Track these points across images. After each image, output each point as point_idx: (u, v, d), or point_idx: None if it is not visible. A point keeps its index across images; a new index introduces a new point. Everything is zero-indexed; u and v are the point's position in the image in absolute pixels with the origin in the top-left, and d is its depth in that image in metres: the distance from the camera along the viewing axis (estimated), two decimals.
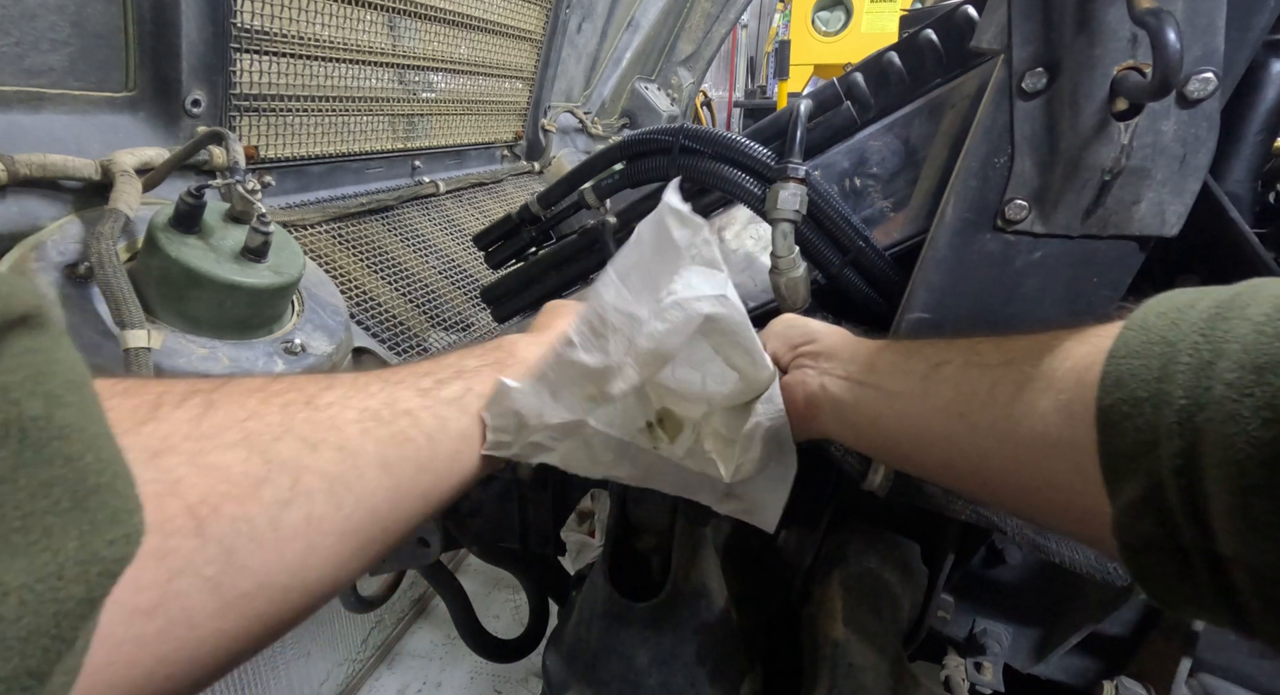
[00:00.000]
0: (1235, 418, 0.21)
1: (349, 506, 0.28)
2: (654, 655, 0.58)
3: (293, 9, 0.88)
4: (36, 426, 0.16)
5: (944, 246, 0.48)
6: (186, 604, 0.22)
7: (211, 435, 0.25)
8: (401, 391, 0.34)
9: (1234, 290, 0.25)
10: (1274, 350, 0.21)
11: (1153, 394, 0.24)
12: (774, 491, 0.48)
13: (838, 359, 0.42)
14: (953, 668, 0.63)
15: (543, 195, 0.67)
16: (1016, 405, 0.30)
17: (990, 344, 0.35)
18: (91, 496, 0.17)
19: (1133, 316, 0.27)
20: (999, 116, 0.44)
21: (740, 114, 4.33)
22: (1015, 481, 0.32)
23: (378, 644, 1.54)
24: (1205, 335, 0.23)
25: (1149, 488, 0.23)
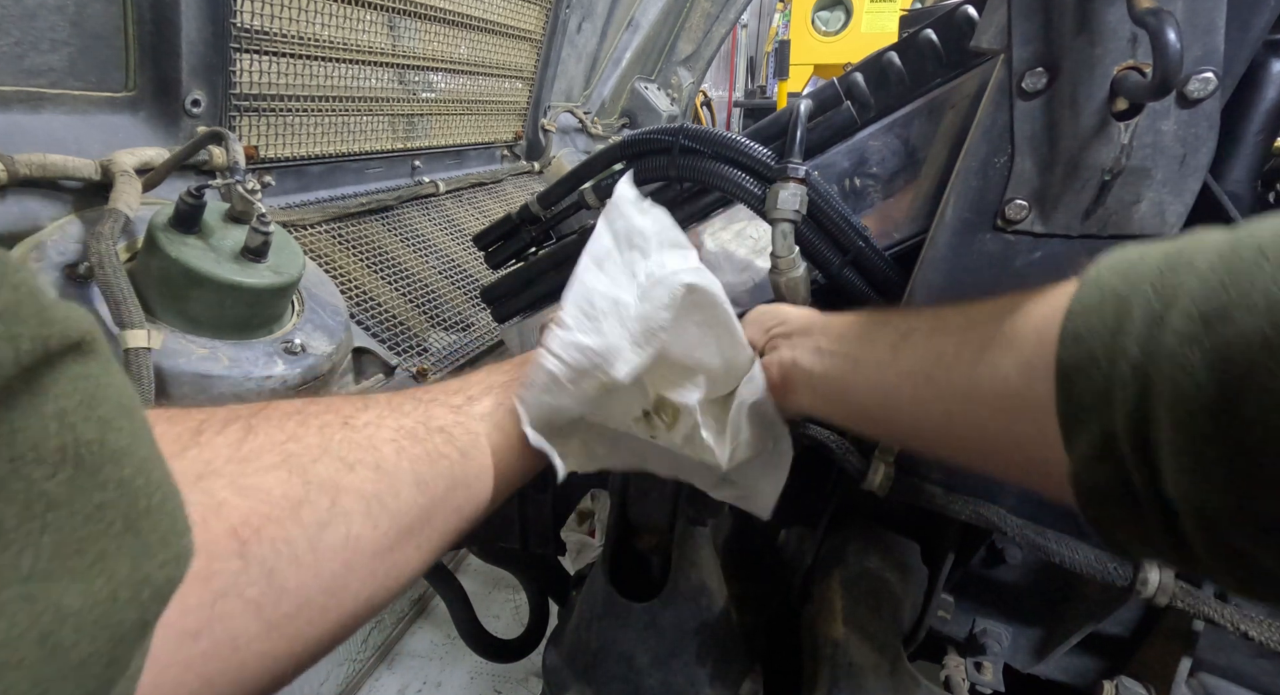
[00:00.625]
0: (1184, 366, 0.21)
1: (385, 525, 0.28)
2: (654, 655, 0.58)
3: (293, 9, 0.88)
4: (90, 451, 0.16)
5: (944, 246, 0.48)
6: (231, 626, 0.22)
7: (252, 458, 0.25)
8: (435, 409, 0.34)
9: (1180, 242, 0.25)
10: (1219, 300, 0.21)
11: (1107, 347, 0.24)
12: (770, 478, 0.48)
13: (809, 333, 0.43)
14: (953, 668, 0.63)
15: (543, 195, 0.67)
16: (980, 365, 0.31)
17: (954, 311, 0.36)
18: (143, 519, 0.17)
19: (1087, 274, 0.27)
20: (999, 116, 0.44)
21: (740, 114, 4.33)
22: (980, 440, 0.33)
23: (378, 644, 1.54)
24: (1155, 287, 0.24)
25: (1104, 437, 0.24)
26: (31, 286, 0.15)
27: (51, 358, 0.15)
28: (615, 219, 0.38)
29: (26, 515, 0.14)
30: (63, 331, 0.15)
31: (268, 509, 0.24)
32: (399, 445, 0.31)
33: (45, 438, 0.15)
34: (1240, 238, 0.22)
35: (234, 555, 0.22)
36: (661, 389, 0.44)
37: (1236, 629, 0.44)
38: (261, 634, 0.23)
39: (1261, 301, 0.20)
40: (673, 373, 0.44)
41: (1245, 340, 0.20)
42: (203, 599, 0.21)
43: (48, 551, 0.14)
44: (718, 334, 0.43)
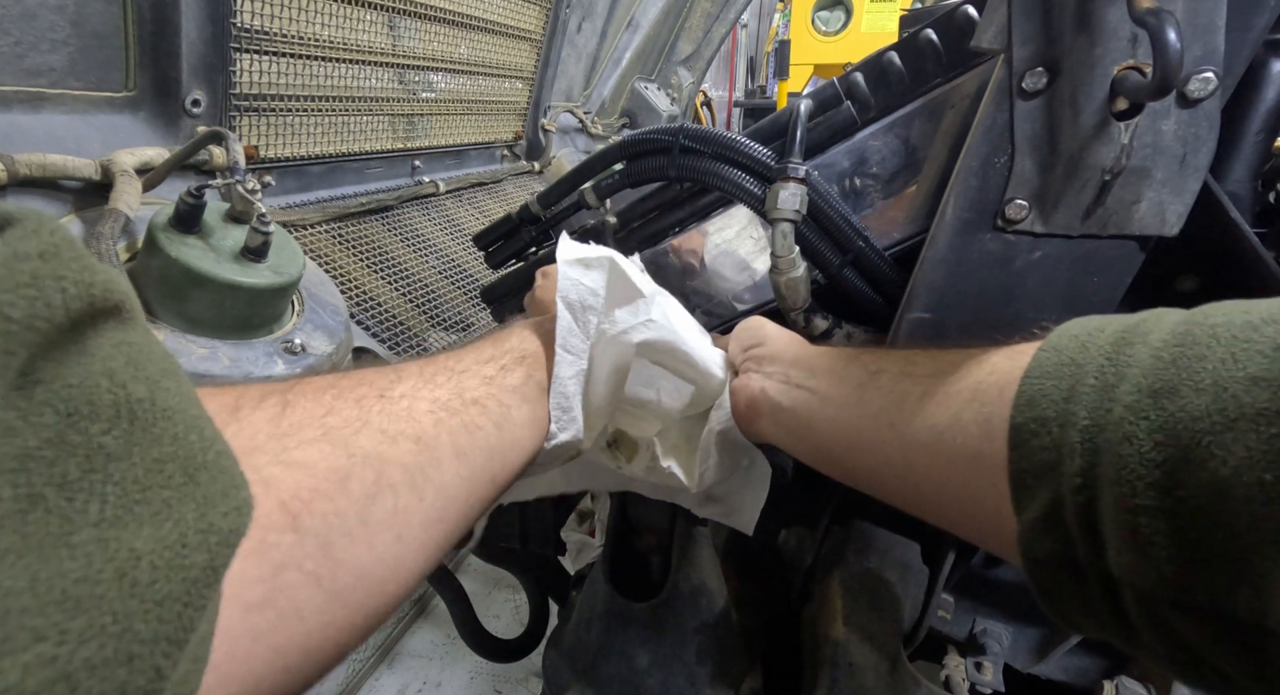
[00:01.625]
0: (1130, 439, 0.21)
1: (430, 496, 0.28)
2: (654, 655, 0.58)
3: (293, 9, 0.88)
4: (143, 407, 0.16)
5: (944, 246, 0.48)
6: (294, 597, 0.22)
7: (292, 433, 0.25)
8: (468, 381, 0.35)
9: (1139, 317, 0.26)
10: (1169, 376, 0.21)
11: (1059, 414, 0.24)
12: (750, 494, 0.49)
13: (780, 362, 0.43)
14: (953, 668, 0.63)
15: (543, 195, 0.67)
16: (942, 417, 0.31)
17: (925, 355, 0.35)
18: (201, 472, 0.17)
19: (1048, 338, 0.28)
20: (999, 116, 0.44)
21: (740, 114, 4.33)
22: (938, 493, 0.32)
23: (378, 644, 1.54)
24: (1110, 358, 0.24)
25: (1051, 505, 0.24)
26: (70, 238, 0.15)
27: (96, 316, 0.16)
28: (567, 290, 0.39)
29: (88, 467, 0.14)
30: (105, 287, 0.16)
31: (315, 482, 0.24)
32: (437, 417, 0.31)
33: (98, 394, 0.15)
34: (1195, 318, 0.23)
35: (287, 529, 0.23)
36: (620, 423, 0.45)
37: None
38: (324, 605, 0.23)
39: (1209, 381, 0.20)
40: (633, 408, 0.45)
41: (1190, 417, 0.20)
42: (263, 572, 0.21)
43: (114, 500, 0.15)
44: (678, 368, 0.44)
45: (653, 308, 0.40)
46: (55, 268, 0.15)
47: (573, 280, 0.39)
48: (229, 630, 0.20)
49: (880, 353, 0.39)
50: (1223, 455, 0.19)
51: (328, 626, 0.24)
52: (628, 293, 0.40)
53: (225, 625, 0.19)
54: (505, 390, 0.36)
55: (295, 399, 0.27)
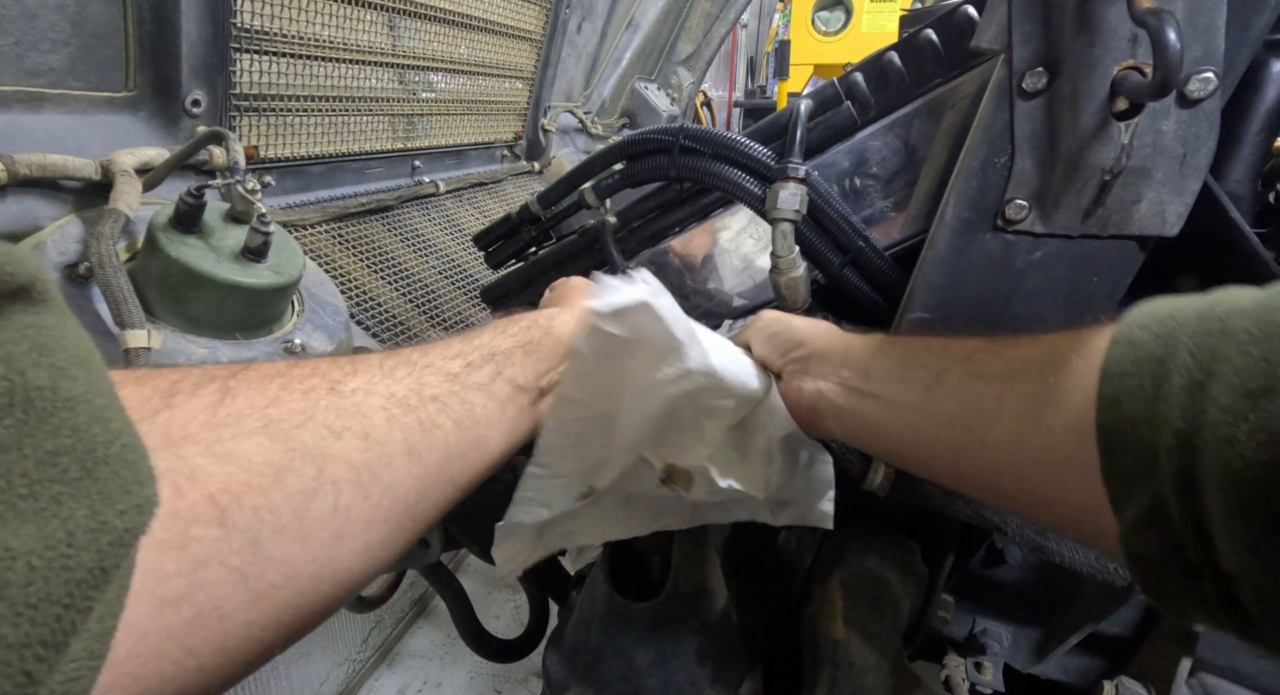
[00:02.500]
0: (1231, 441, 0.21)
1: (376, 495, 0.27)
2: (654, 655, 0.58)
3: (293, 9, 0.88)
4: (42, 396, 0.15)
5: (944, 246, 0.48)
6: (214, 594, 0.21)
7: (230, 423, 0.24)
8: (429, 376, 0.33)
9: (1210, 300, 0.25)
10: (1263, 373, 0.21)
11: (1149, 415, 0.24)
12: (820, 490, 0.48)
13: (830, 363, 0.42)
14: (953, 668, 0.63)
15: (543, 195, 0.67)
16: (1025, 421, 0.31)
17: (989, 352, 0.35)
18: (101, 467, 0.17)
19: (1119, 332, 0.27)
20: (999, 116, 0.44)
21: (740, 114, 4.33)
22: (1028, 494, 0.32)
23: (378, 644, 1.54)
24: (1193, 353, 0.24)
25: (1152, 506, 0.24)
26: None
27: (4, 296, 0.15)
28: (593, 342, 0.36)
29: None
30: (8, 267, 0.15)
31: (248, 476, 0.23)
32: (390, 414, 0.29)
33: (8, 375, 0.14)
34: (1275, 304, 0.23)
35: (213, 523, 0.21)
36: (668, 458, 0.44)
37: None
38: (248, 603, 0.22)
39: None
40: (677, 438, 0.44)
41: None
42: (181, 566, 0.20)
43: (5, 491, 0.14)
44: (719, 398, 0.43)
45: (688, 356, 0.39)
46: None
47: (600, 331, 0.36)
48: (137, 626, 0.19)
49: (938, 348, 0.38)
50: None
51: (251, 626, 0.23)
52: (662, 339, 0.38)
53: (134, 620, 0.19)
54: (469, 387, 0.34)
55: (238, 386, 0.26)
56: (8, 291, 0.15)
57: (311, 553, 0.24)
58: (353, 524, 0.26)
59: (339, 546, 0.26)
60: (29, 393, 0.15)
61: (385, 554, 0.29)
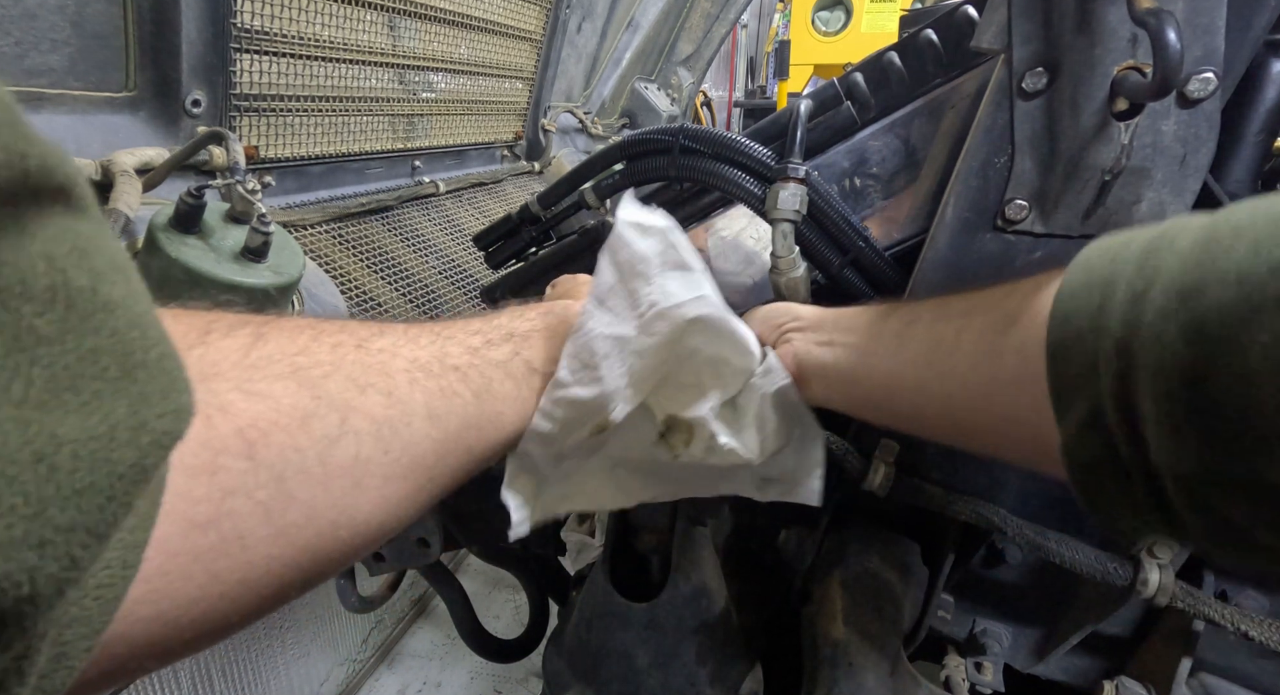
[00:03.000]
0: (1161, 338, 0.23)
1: (396, 451, 0.28)
2: (654, 655, 0.58)
3: (293, 9, 0.88)
4: (83, 297, 0.15)
5: (944, 246, 0.48)
6: (239, 524, 0.22)
7: (261, 366, 0.25)
8: (451, 347, 0.34)
9: (1164, 226, 0.26)
10: (1194, 277, 0.22)
11: (1093, 326, 0.26)
12: (808, 464, 0.48)
13: (821, 328, 0.44)
14: (953, 668, 0.63)
15: (543, 195, 0.67)
16: (979, 348, 0.33)
17: (958, 298, 0.37)
18: (139, 370, 0.17)
19: (1077, 258, 0.29)
20: (999, 116, 0.44)
21: (740, 114, 4.33)
22: (981, 420, 0.34)
23: (378, 644, 1.54)
24: (1139, 268, 0.25)
25: (1091, 411, 0.25)
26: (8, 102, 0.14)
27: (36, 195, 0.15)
28: (618, 249, 0.38)
29: (15, 347, 0.14)
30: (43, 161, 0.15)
31: (276, 416, 0.24)
32: (412, 376, 0.30)
33: (33, 275, 0.14)
34: (1218, 219, 0.24)
35: (241, 455, 0.22)
36: (670, 409, 0.44)
37: (1237, 629, 0.44)
38: (270, 538, 0.23)
39: (1233, 274, 0.21)
40: (679, 391, 0.44)
41: (1218, 312, 0.21)
42: (210, 492, 0.21)
43: (40, 384, 0.14)
44: (722, 348, 0.43)
45: (705, 283, 0.40)
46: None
47: (625, 242, 0.37)
48: (166, 544, 0.19)
49: (915, 304, 0.40)
50: (1248, 343, 0.20)
51: (272, 560, 0.23)
52: (681, 265, 0.39)
53: (163, 539, 0.19)
54: (489, 363, 0.35)
55: (269, 333, 0.26)
56: (48, 191, 0.15)
57: (332, 497, 0.25)
58: (372, 475, 0.27)
59: (358, 495, 0.26)
60: (70, 292, 0.15)
61: (401, 511, 0.29)
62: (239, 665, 1.17)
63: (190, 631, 0.21)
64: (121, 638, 0.19)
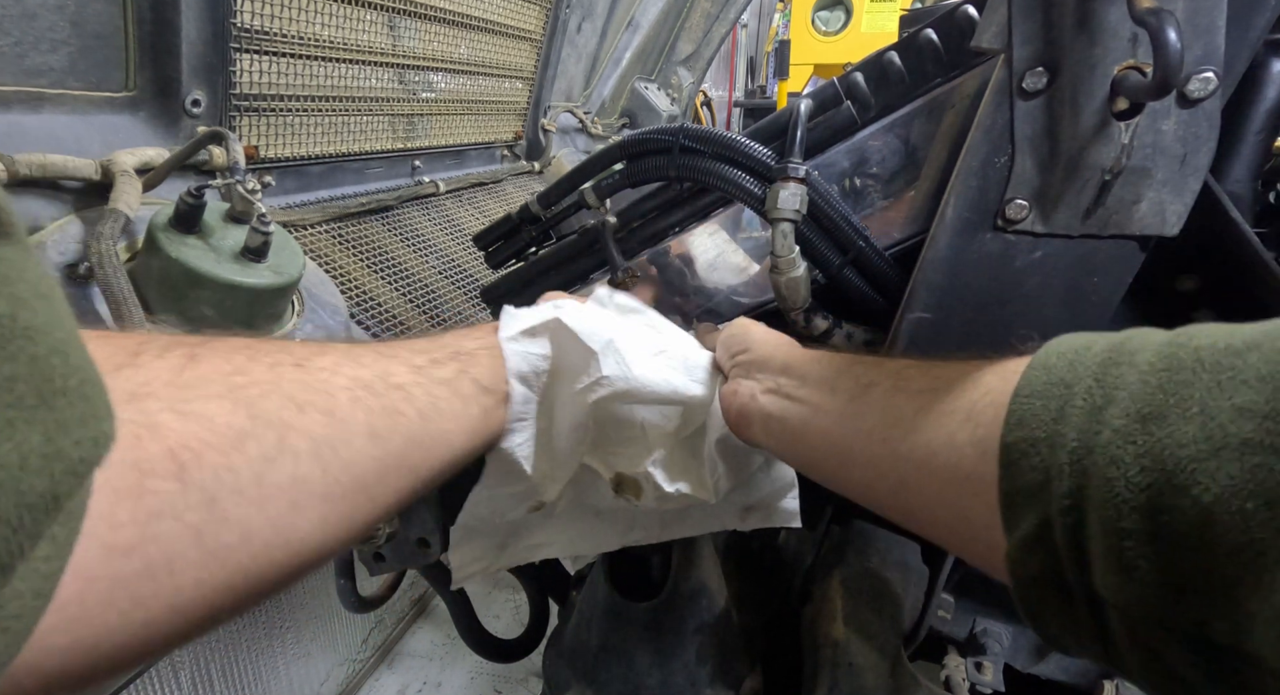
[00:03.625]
0: (1117, 462, 0.22)
1: (335, 471, 0.27)
2: (654, 655, 0.58)
3: (293, 9, 0.88)
4: (1, 324, 0.15)
5: (944, 246, 0.48)
6: (167, 549, 0.21)
7: (194, 386, 0.24)
8: (395, 366, 0.33)
9: (1125, 335, 0.26)
10: (1156, 401, 0.22)
11: (1049, 434, 0.25)
12: (780, 488, 0.48)
13: (769, 368, 0.43)
14: (953, 668, 0.63)
15: (543, 195, 0.67)
16: (936, 435, 0.31)
17: (918, 369, 0.35)
18: (58, 397, 0.16)
19: (1036, 356, 0.28)
20: (999, 116, 0.44)
21: (740, 114, 4.33)
22: (931, 510, 0.32)
23: (378, 644, 1.54)
24: (1098, 379, 0.24)
25: (1040, 525, 0.24)
26: None
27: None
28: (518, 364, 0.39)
29: None
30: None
31: (209, 436, 0.23)
32: (354, 395, 0.30)
33: None
34: (1180, 340, 0.23)
35: (171, 476, 0.21)
36: (616, 466, 0.45)
37: None
38: (200, 562, 0.22)
39: (1196, 409, 0.21)
40: (622, 446, 0.45)
41: (1177, 444, 0.20)
42: (135, 516, 0.20)
43: None
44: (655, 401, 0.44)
45: (604, 363, 0.40)
46: None
47: (521, 353, 0.39)
48: (86, 571, 0.19)
49: (871, 364, 0.38)
50: (1206, 482, 0.19)
51: (202, 584, 0.22)
52: (578, 352, 0.40)
53: (83, 564, 0.18)
54: (434, 381, 0.35)
55: (203, 353, 0.26)
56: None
57: (267, 517, 0.25)
58: (310, 495, 0.26)
59: (295, 515, 0.26)
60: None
61: (341, 532, 0.28)
62: (239, 665, 1.17)
63: (111, 660, 0.21)
64: (31, 670, 0.18)
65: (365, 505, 0.30)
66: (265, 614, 1.20)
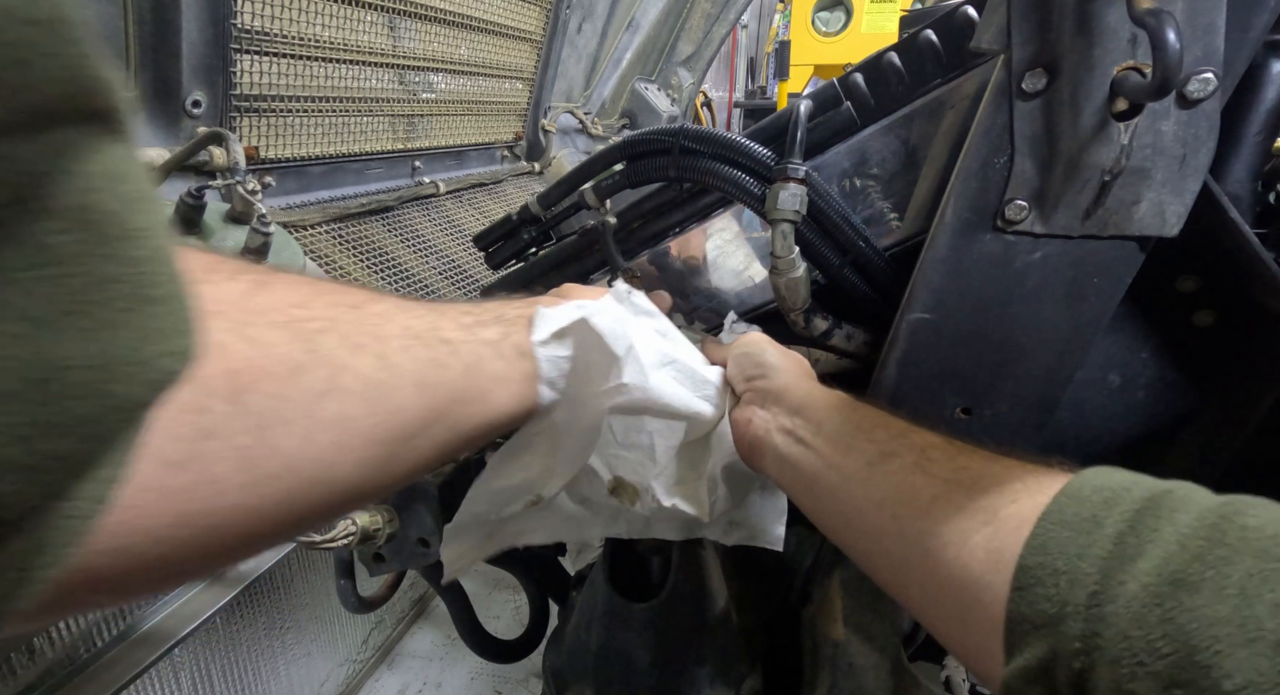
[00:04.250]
0: (1140, 622, 0.21)
1: (382, 414, 0.28)
2: (654, 655, 0.58)
3: (293, 9, 0.88)
4: (108, 221, 0.15)
5: (944, 246, 0.48)
6: (215, 468, 0.21)
7: (260, 312, 0.25)
8: (443, 321, 0.34)
9: (1168, 487, 0.25)
10: (1192, 570, 0.21)
11: (1070, 569, 0.24)
12: (771, 512, 0.49)
13: (784, 404, 0.42)
14: (953, 668, 0.63)
15: (543, 196, 0.67)
16: (951, 529, 0.30)
17: (943, 452, 0.35)
18: (151, 305, 0.16)
19: (1071, 483, 0.27)
20: (999, 116, 0.44)
21: (740, 114, 4.33)
22: (929, 600, 0.32)
23: (378, 644, 1.54)
24: (1133, 526, 0.24)
25: (1044, 660, 0.24)
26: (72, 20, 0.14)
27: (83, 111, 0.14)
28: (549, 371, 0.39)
29: (30, 263, 0.13)
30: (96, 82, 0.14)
31: (267, 363, 0.23)
32: (405, 343, 0.30)
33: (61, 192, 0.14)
34: (1227, 513, 0.23)
35: (227, 398, 0.22)
36: (616, 470, 0.45)
37: None
38: (246, 486, 0.22)
39: (1234, 590, 0.20)
40: (626, 451, 0.45)
41: (1207, 621, 0.20)
42: (190, 431, 0.21)
43: (49, 303, 0.14)
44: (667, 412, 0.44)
45: (627, 370, 0.40)
46: (46, 41, 0.13)
47: (552, 359, 0.38)
48: (138, 479, 0.19)
49: (894, 430, 0.38)
50: (1230, 669, 0.19)
51: (244, 510, 0.23)
52: (601, 355, 0.40)
53: (138, 473, 0.18)
54: (480, 341, 0.35)
55: (271, 281, 0.26)
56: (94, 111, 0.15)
57: (313, 453, 0.25)
58: (355, 435, 0.27)
59: (339, 454, 0.26)
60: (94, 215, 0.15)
61: (379, 476, 0.29)
62: (239, 665, 1.17)
63: (149, 572, 0.21)
64: (80, 568, 0.18)
65: (406, 455, 0.30)
66: (265, 614, 1.20)
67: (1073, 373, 0.48)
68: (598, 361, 0.40)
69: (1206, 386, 0.52)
